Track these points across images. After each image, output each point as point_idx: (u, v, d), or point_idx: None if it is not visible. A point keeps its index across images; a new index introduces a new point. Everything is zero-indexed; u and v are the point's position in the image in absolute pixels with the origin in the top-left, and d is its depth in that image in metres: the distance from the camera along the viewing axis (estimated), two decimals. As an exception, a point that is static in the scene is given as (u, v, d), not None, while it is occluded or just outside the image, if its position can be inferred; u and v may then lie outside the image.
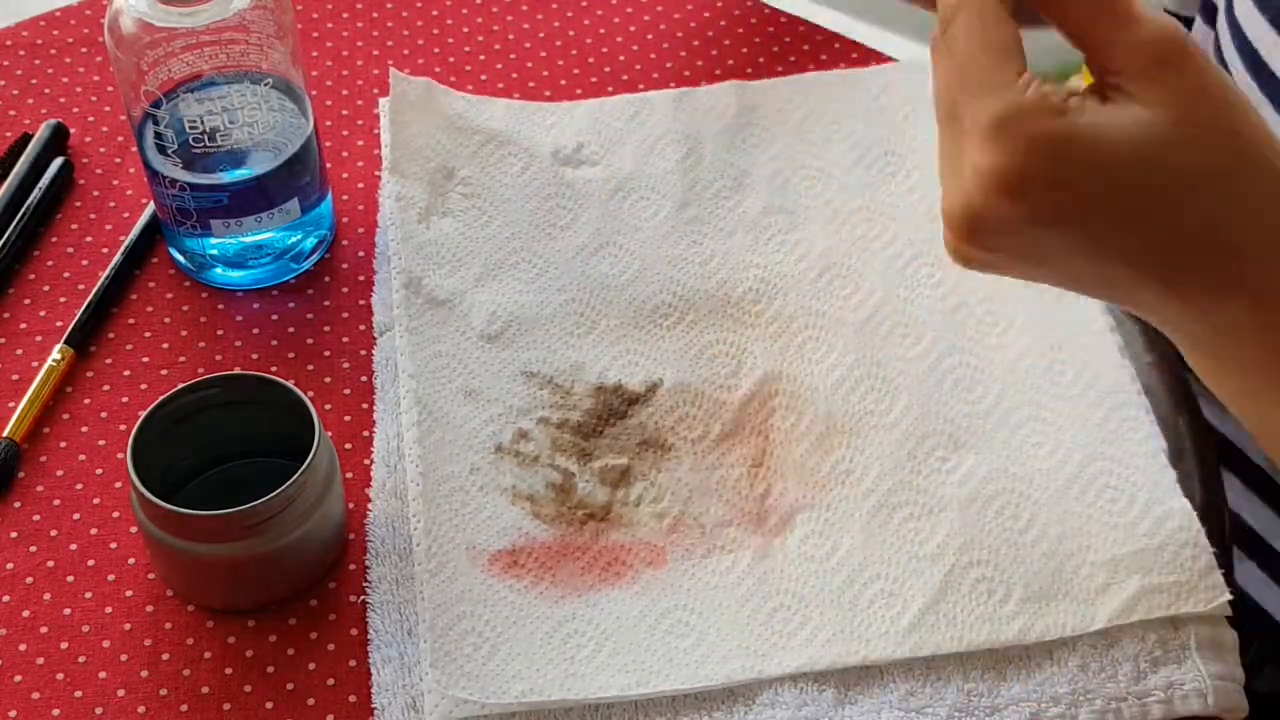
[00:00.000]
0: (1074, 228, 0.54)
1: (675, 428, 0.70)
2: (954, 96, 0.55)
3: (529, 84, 0.85)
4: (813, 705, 0.61)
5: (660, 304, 0.74)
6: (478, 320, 0.73)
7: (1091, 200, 0.54)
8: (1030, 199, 0.53)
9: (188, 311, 0.75)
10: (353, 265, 0.77)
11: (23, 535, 0.68)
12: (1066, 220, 0.54)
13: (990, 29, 0.55)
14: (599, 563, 0.65)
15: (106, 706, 0.63)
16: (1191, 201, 0.53)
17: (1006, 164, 0.53)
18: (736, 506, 0.67)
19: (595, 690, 0.61)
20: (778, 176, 0.78)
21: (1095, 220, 0.54)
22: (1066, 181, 0.53)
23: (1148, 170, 0.53)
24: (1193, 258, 0.54)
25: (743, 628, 0.63)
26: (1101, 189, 0.53)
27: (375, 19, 0.89)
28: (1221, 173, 0.54)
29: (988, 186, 0.53)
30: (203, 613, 0.65)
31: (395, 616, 0.64)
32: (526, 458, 0.68)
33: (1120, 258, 0.55)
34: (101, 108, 0.84)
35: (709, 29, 0.89)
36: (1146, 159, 0.53)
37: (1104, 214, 0.54)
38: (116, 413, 0.72)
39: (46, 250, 0.78)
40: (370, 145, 0.82)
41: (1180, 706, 0.61)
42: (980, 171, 0.53)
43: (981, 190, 0.54)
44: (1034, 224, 0.54)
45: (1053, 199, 0.53)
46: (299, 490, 0.62)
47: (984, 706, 0.61)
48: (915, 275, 0.74)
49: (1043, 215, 0.54)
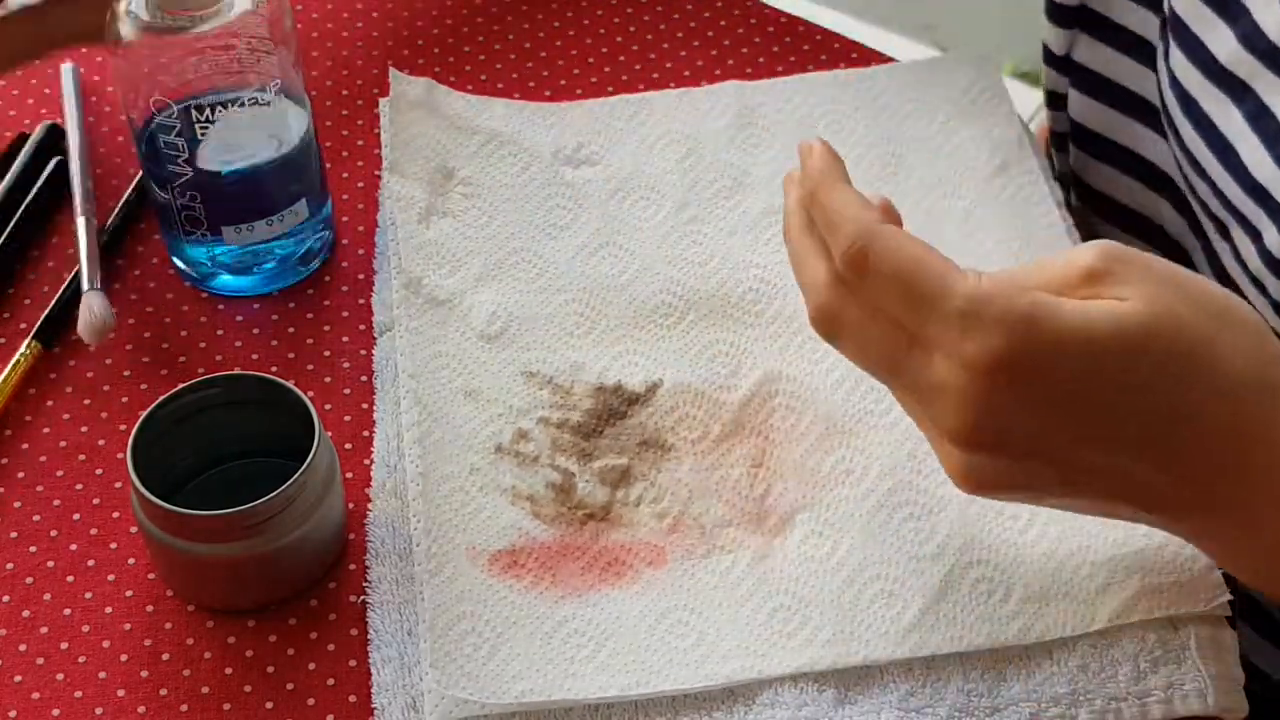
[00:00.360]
0: (1072, 405, 0.53)
1: (675, 428, 0.70)
2: (902, 316, 0.55)
3: (529, 84, 0.85)
4: (812, 705, 0.61)
5: (660, 304, 0.74)
6: (478, 320, 0.73)
7: (1082, 375, 0.53)
8: (1022, 375, 0.52)
9: (188, 311, 0.75)
10: (353, 265, 0.77)
11: (23, 535, 0.68)
12: (1063, 398, 0.53)
13: (916, 243, 0.55)
14: (599, 563, 0.65)
15: (106, 706, 0.63)
16: (1180, 371, 0.53)
17: (990, 345, 0.52)
18: (736, 506, 0.67)
19: (595, 690, 0.61)
20: (778, 176, 0.78)
21: (1090, 394, 0.53)
22: (1054, 354, 0.52)
23: (1132, 342, 0.53)
24: (1195, 427, 0.53)
25: (743, 628, 0.63)
26: (1089, 364, 0.53)
27: (375, 19, 0.89)
28: (1205, 339, 0.53)
29: (977, 374, 0.52)
30: (203, 613, 0.65)
31: (395, 616, 0.64)
32: (526, 458, 0.68)
33: (1124, 440, 0.54)
34: (101, 108, 0.84)
35: (709, 29, 0.89)
36: (1128, 332, 0.53)
37: (1096, 388, 0.53)
38: (116, 413, 0.72)
39: (46, 250, 0.78)
40: (370, 145, 0.82)
41: (1180, 706, 0.61)
42: (966, 364, 0.53)
43: (972, 382, 0.53)
44: (1030, 406, 0.53)
45: (1044, 374, 0.53)
46: (299, 490, 0.62)
47: (984, 707, 0.61)
48: (915, 275, 0.74)
49: (1035, 394, 0.53)
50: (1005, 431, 0.54)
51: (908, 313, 0.54)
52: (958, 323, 0.53)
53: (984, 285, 0.53)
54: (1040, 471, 0.55)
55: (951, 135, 0.80)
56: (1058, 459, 0.54)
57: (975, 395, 0.53)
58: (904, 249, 0.55)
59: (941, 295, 0.53)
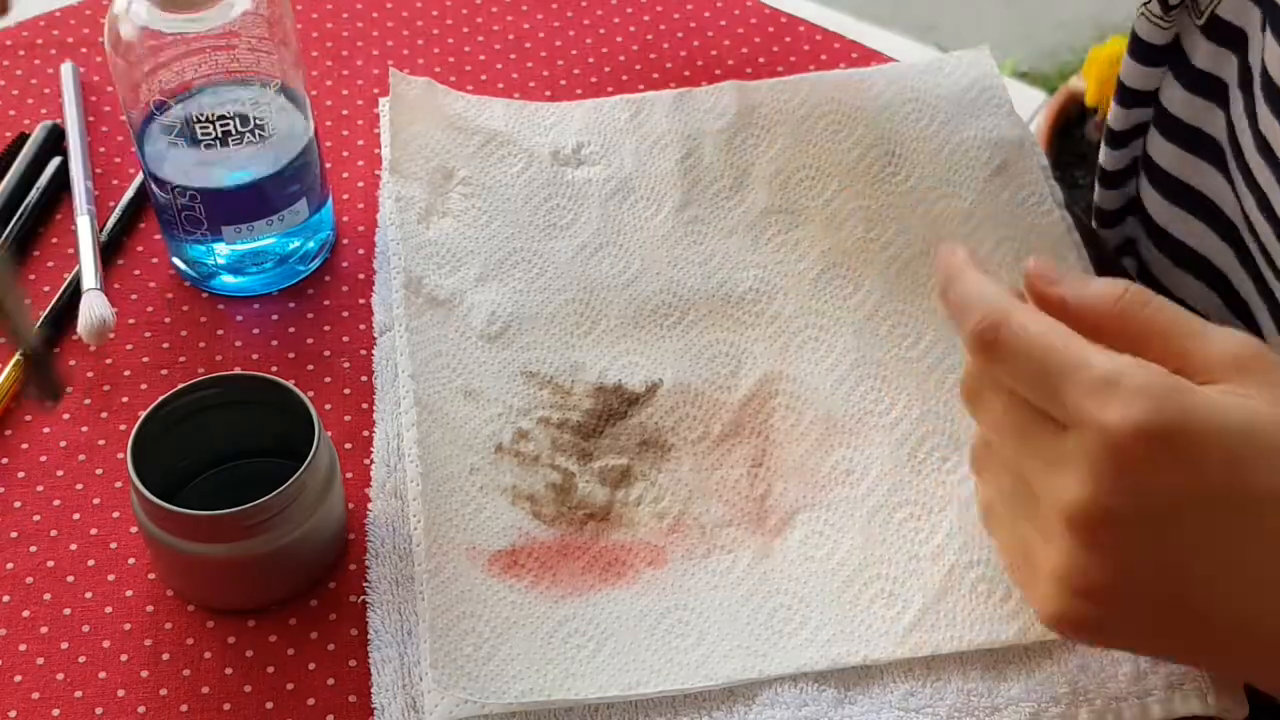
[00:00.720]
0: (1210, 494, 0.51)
1: (675, 428, 0.70)
2: (1037, 396, 0.53)
3: (529, 84, 0.85)
4: (812, 705, 0.61)
5: (660, 304, 0.74)
6: (478, 320, 0.73)
7: (1226, 464, 0.51)
8: (1164, 449, 0.50)
9: (188, 311, 0.76)
10: (353, 265, 0.77)
11: (23, 535, 0.68)
12: (1201, 480, 0.51)
13: (1048, 321, 0.54)
14: (599, 563, 0.65)
15: (106, 706, 0.63)
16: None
17: (1133, 412, 0.50)
18: (737, 506, 0.67)
19: (595, 690, 0.61)
20: (778, 176, 0.79)
21: (1228, 487, 0.51)
22: (1202, 432, 0.50)
23: (1267, 446, 0.51)
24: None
25: (743, 627, 0.63)
26: (1237, 448, 0.51)
27: (375, 19, 0.89)
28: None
29: (1116, 439, 0.50)
30: (203, 613, 0.65)
31: (395, 617, 0.64)
32: (526, 458, 0.68)
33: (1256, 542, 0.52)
34: (101, 108, 0.84)
35: (709, 29, 0.89)
36: (1261, 437, 0.51)
37: (1235, 481, 0.51)
38: (116, 413, 0.72)
39: (46, 250, 0.78)
40: (370, 145, 0.82)
41: (1180, 706, 0.61)
42: (1104, 429, 0.50)
43: (1108, 449, 0.50)
44: (1168, 494, 0.51)
45: (1189, 451, 0.50)
46: (299, 490, 0.62)
47: (984, 706, 0.61)
48: (915, 275, 0.74)
49: (1175, 480, 0.50)
50: (1130, 516, 0.51)
51: (1042, 389, 0.53)
52: (1099, 390, 0.51)
53: (1126, 361, 0.52)
54: (1158, 577, 0.52)
55: (951, 135, 0.80)
56: (1179, 558, 0.52)
57: (1106, 464, 0.51)
58: (1035, 324, 0.54)
59: (1078, 366, 0.52)
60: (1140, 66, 0.77)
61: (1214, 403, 0.51)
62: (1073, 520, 0.52)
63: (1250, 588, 0.52)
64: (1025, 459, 0.55)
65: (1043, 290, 0.57)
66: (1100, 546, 0.52)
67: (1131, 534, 0.52)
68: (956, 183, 0.78)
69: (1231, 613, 0.53)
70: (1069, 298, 0.56)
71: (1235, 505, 0.51)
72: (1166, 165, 0.79)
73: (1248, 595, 0.52)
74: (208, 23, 0.68)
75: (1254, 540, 0.52)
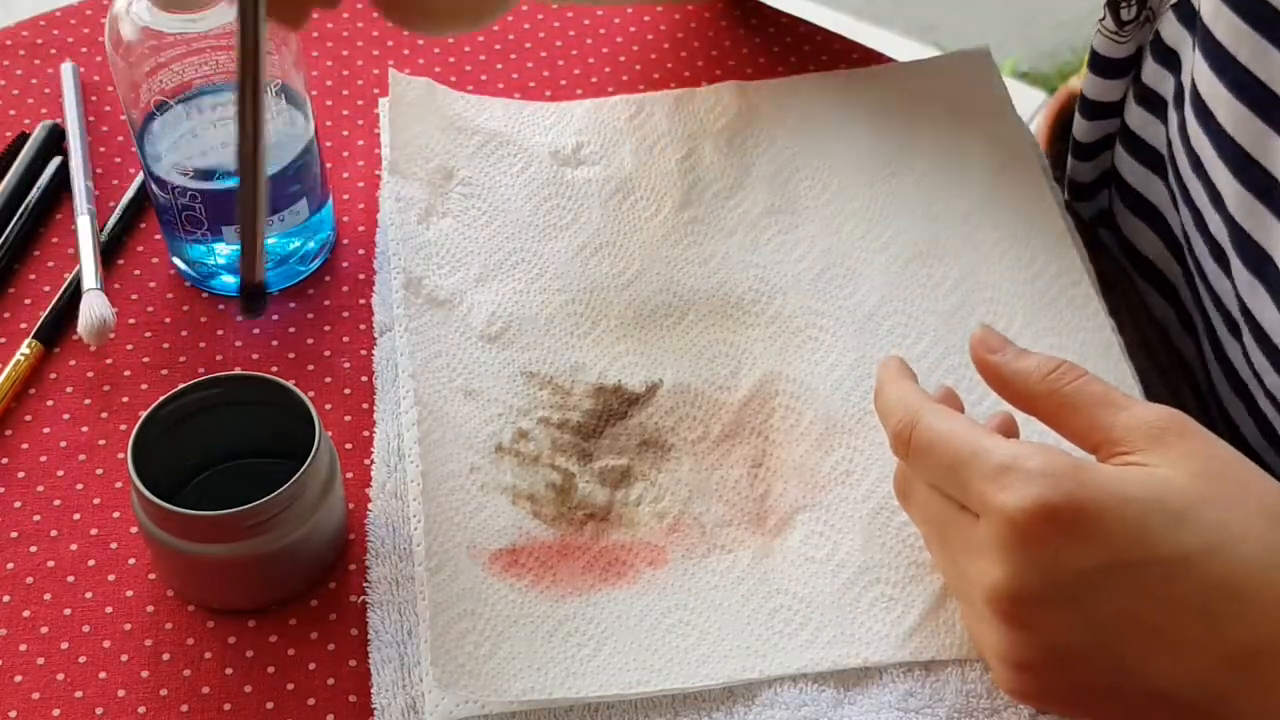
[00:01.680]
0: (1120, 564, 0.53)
1: (675, 428, 0.70)
2: (948, 486, 0.57)
3: (529, 84, 0.85)
4: (812, 705, 0.61)
5: (660, 304, 0.74)
6: (478, 320, 0.73)
7: (1131, 534, 0.53)
8: (1065, 528, 0.52)
9: (188, 311, 0.76)
10: (353, 264, 0.77)
11: (23, 535, 0.68)
12: (1107, 560, 0.53)
13: (956, 417, 0.57)
14: (599, 562, 0.65)
15: (107, 707, 0.63)
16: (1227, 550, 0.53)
17: (1029, 493, 0.52)
18: (737, 506, 0.67)
19: (595, 689, 0.62)
20: (778, 176, 0.79)
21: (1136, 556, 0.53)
22: (1098, 507, 0.52)
23: (1175, 513, 0.53)
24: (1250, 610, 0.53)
25: (743, 627, 0.63)
26: (1136, 523, 0.53)
27: (375, 19, 0.89)
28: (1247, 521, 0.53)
29: (1015, 523, 0.52)
30: (203, 613, 0.65)
31: (395, 617, 0.64)
32: (527, 458, 0.68)
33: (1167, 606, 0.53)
34: (101, 108, 0.84)
35: (709, 29, 0.89)
36: (1170, 504, 0.53)
37: (1141, 550, 0.53)
38: (116, 413, 0.72)
39: (46, 250, 0.78)
40: (370, 145, 0.82)
41: (1180, 706, 0.61)
42: (1005, 513, 0.53)
43: (1010, 532, 0.53)
44: (1073, 567, 0.53)
45: (1088, 527, 0.52)
46: (299, 490, 0.62)
47: (983, 708, 0.61)
48: (915, 275, 0.74)
49: (1083, 553, 0.52)
50: (1045, 594, 0.53)
51: (952, 481, 0.56)
52: (998, 475, 0.54)
53: (1024, 447, 0.54)
54: (1089, 640, 0.54)
55: (951, 135, 0.80)
56: (1103, 624, 0.54)
57: (1012, 546, 0.53)
58: (942, 423, 0.57)
59: (978, 455, 0.55)
60: (1100, 80, 0.78)
61: (1114, 476, 0.54)
62: (993, 603, 0.54)
63: (1168, 652, 0.54)
64: (950, 549, 0.58)
65: (983, 358, 0.60)
66: (1023, 625, 0.54)
67: (1050, 610, 0.54)
68: (956, 183, 0.78)
69: (1158, 677, 0.54)
70: (1004, 369, 0.59)
71: (1145, 573, 0.53)
72: (1128, 178, 0.80)
73: (1172, 660, 0.54)
74: (208, 23, 0.68)
75: (1165, 606, 0.53)
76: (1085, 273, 0.75)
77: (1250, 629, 0.53)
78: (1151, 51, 0.75)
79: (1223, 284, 0.70)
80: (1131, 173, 0.80)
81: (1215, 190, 0.68)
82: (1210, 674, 0.53)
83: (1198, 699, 0.54)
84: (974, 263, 0.75)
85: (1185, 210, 0.73)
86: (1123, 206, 0.81)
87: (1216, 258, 0.70)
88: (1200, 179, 0.70)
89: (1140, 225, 0.81)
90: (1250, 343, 0.68)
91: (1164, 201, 0.78)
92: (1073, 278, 0.74)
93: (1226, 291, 0.70)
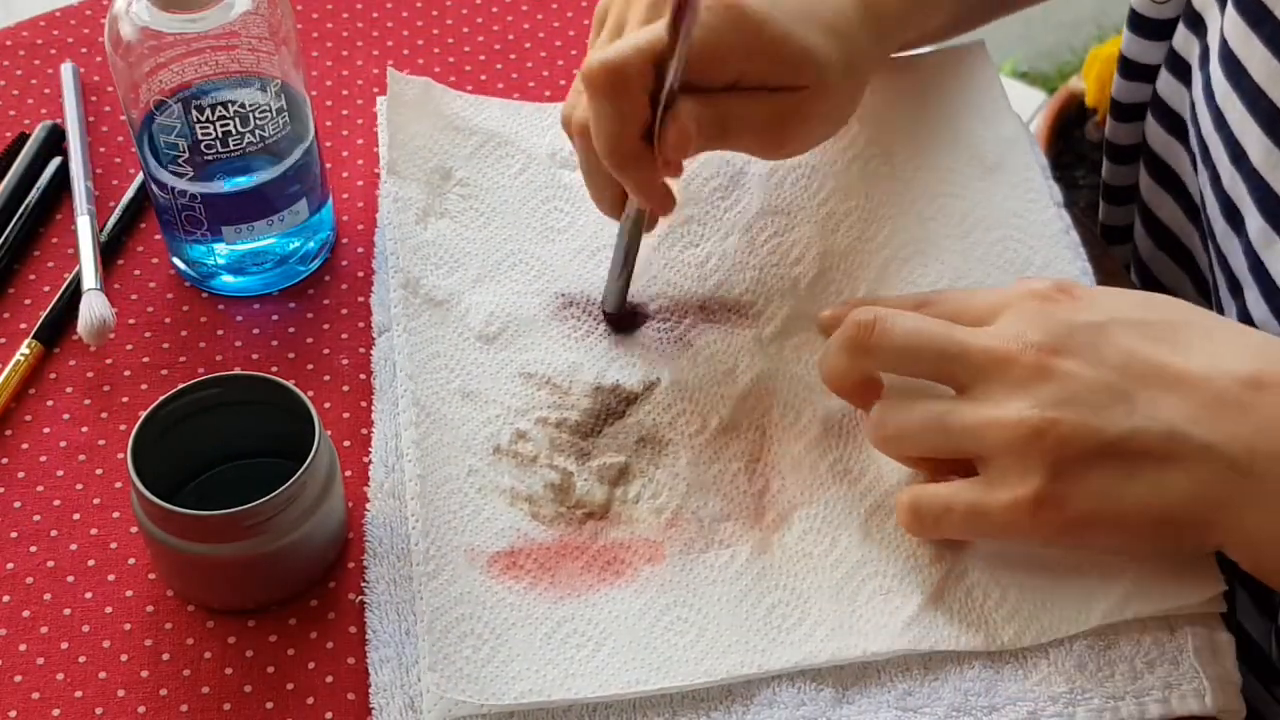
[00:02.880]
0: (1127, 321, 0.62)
1: (673, 423, 0.70)
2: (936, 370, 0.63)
3: (529, 84, 0.86)
4: (811, 704, 0.61)
5: (657, 306, 0.74)
6: (475, 321, 0.73)
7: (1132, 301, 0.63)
8: (1076, 297, 0.62)
9: (188, 311, 0.76)
10: (353, 264, 0.77)
11: (23, 535, 0.68)
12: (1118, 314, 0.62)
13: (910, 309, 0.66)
14: (598, 562, 0.66)
15: (106, 706, 0.63)
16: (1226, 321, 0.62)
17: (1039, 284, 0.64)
18: (734, 501, 0.67)
19: (595, 689, 0.62)
20: (774, 177, 0.78)
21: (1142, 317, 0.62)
22: (1103, 292, 0.65)
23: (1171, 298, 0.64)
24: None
25: (742, 622, 0.64)
26: (1139, 299, 0.64)
27: (375, 19, 0.89)
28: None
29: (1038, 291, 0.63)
30: (203, 613, 0.65)
31: (393, 616, 0.64)
32: (525, 458, 0.69)
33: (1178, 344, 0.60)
34: (101, 108, 0.84)
35: (708, 29, 0.88)
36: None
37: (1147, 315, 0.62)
38: (116, 413, 0.72)
39: (46, 250, 0.78)
40: (370, 145, 0.83)
41: (1178, 706, 0.61)
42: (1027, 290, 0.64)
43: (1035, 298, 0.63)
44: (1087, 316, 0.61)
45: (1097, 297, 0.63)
46: (299, 490, 0.62)
47: (981, 706, 0.61)
48: (911, 275, 0.74)
49: (1092, 310, 0.62)
50: (1061, 344, 0.61)
51: (937, 331, 0.63)
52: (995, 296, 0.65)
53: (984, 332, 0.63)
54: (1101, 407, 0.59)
55: (949, 134, 0.80)
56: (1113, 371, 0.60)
57: (1032, 311, 0.62)
58: (902, 317, 0.64)
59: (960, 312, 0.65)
60: (1138, 40, 0.81)
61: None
62: (1044, 347, 0.60)
63: (1176, 389, 0.59)
64: (959, 414, 0.62)
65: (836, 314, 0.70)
66: (1046, 376, 0.60)
67: (1066, 358, 0.60)
68: (954, 182, 0.78)
69: (1168, 411, 0.59)
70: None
71: (1148, 323, 0.61)
72: (1154, 145, 0.82)
73: (1181, 397, 0.59)
74: (208, 23, 0.68)
75: (1169, 343, 0.61)
76: (1085, 273, 0.75)
77: (1255, 355, 0.59)
78: (1184, 18, 0.77)
79: (1230, 243, 0.72)
80: (1156, 138, 0.81)
81: (1238, 147, 0.70)
82: (1214, 479, 0.58)
83: (1203, 510, 0.58)
84: (973, 261, 0.75)
85: (1204, 171, 0.74)
86: (1148, 178, 0.83)
87: (1228, 216, 0.72)
88: (1222, 135, 0.71)
89: (1162, 193, 0.82)
90: (1255, 299, 0.70)
91: (1184, 167, 0.79)
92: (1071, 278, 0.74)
93: (1234, 251, 0.72)
